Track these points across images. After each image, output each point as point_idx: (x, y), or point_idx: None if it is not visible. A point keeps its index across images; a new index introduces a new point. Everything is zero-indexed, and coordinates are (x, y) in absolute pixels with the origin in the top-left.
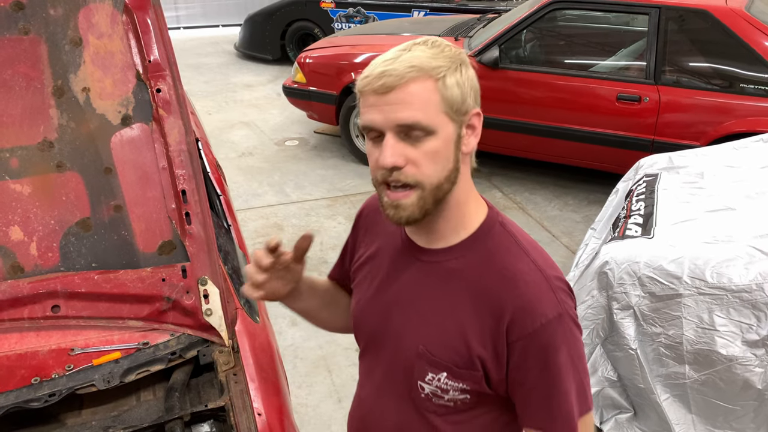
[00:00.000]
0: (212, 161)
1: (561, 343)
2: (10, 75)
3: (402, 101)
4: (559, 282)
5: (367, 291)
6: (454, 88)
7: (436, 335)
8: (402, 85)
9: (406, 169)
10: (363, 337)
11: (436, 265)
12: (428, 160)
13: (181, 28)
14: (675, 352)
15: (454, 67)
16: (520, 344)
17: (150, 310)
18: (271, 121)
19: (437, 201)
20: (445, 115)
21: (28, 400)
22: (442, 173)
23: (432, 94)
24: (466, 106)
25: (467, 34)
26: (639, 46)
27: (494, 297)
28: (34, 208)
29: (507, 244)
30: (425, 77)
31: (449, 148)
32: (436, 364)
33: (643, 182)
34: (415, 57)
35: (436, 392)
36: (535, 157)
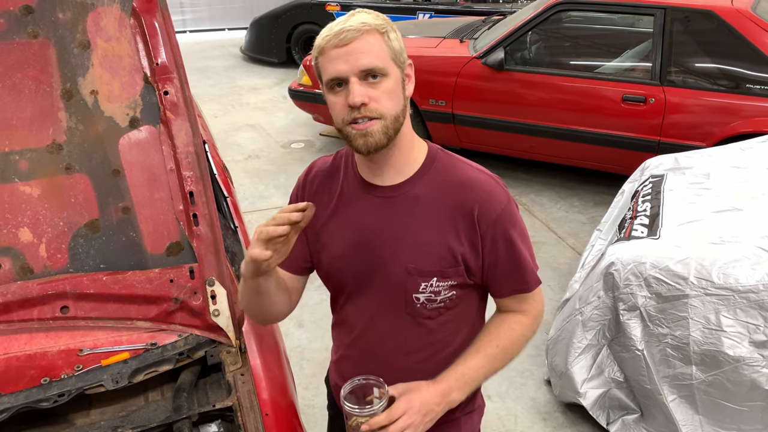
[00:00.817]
0: (219, 163)
1: (515, 220)
2: (20, 78)
3: (361, 50)
4: (499, 179)
5: (341, 242)
6: (396, 41)
7: (420, 251)
8: (359, 37)
9: (370, 105)
10: (349, 282)
11: (402, 197)
12: (386, 96)
13: (187, 31)
14: (682, 352)
15: (390, 27)
16: (490, 231)
17: (158, 310)
18: (277, 123)
19: (396, 130)
20: (392, 62)
21: (37, 400)
22: (397, 107)
23: (381, 44)
24: (403, 56)
25: (472, 36)
26: (644, 47)
27: (461, 202)
28: (43, 209)
29: (452, 161)
30: (375, 31)
31: (398, 88)
32: (426, 273)
33: (649, 183)
34: (362, 17)
35: (430, 297)
36: (541, 159)
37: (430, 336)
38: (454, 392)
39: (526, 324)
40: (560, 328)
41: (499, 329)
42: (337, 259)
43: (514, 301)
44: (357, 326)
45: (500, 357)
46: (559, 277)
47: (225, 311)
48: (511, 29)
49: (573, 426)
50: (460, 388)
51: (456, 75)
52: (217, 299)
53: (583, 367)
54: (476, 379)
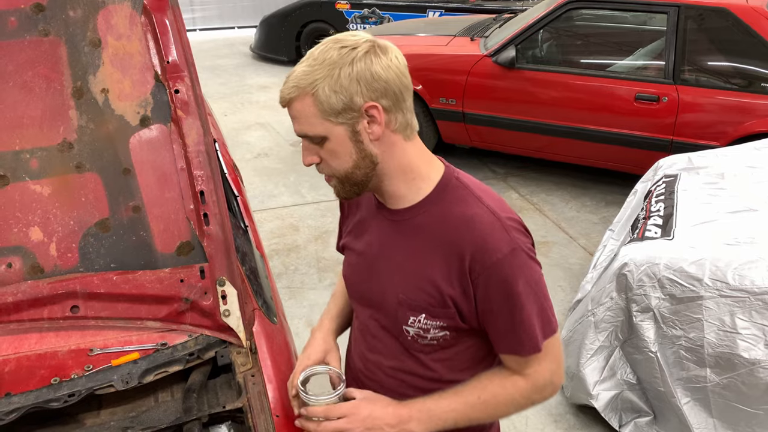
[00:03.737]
0: (229, 162)
1: (518, 274)
2: (31, 76)
3: (293, 117)
4: (511, 222)
5: (353, 257)
6: (331, 96)
7: (411, 283)
8: (288, 104)
9: (321, 165)
10: (355, 296)
11: (405, 223)
12: (330, 157)
13: (197, 29)
14: (696, 355)
15: (330, 75)
16: (482, 278)
17: (168, 310)
18: (286, 122)
19: (358, 183)
20: (327, 122)
21: (47, 400)
22: (347, 165)
23: (310, 108)
24: (354, 104)
25: (483, 34)
26: (657, 46)
27: (456, 241)
28: (53, 208)
29: (463, 194)
30: (303, 95)
31: (346, 145)
32: (415, 308)
33: (662, 183)
34: (296, 76)
35: (419, 333)
36: (552, 158)
37: (427, 370)
38: (413, 422)
39: (521, 388)
40: (572, 329)
41: (489, 381)
42: (347, 271)
43: (512, 361)
44: (362, 343)
45: (479, 409)
46: (570, 278)
47: (235, 311)
48: (523, 27)
49: (585, 428)
50: (422, 422)
51: (466, 73)
52: (228, 299)
53: (595, 369)
54: (443, 419)
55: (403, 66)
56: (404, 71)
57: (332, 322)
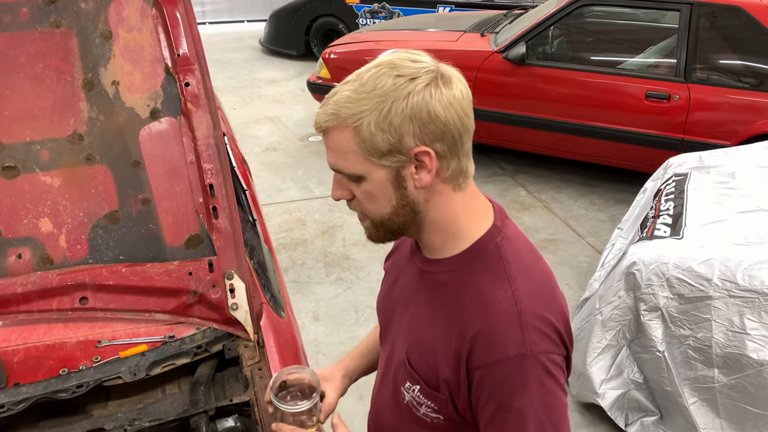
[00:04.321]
0: (238, 156)
1: (520, 387)
2: (42, 68)
3: (328, 146)
4: (536, 320)
5: (384, 286)
6: (376, 134)
7: (416, 347)
8: (325, 132)
9: (354, 203)
10: (381, 327)
11: (429, 275)
12: (365, 199)
13: (206, 23)
14: (704, 355)
15: (379, 109)
16: (478, 374)
17: (176, 303)
18: (295, 116)
19: (393, 231)
20: (368, 162)
21: (56, 391)
22: (384, 210)
23: (349, 142)
24: (402, 146)
25: (493, 30)
26: (669, 43)
27: (464, 321)
28: (63, 200)
29: (495, 266)
30: (342, 126)
31: (386, 189)
32: (412, 376)
33: (672, 182)
34: (339, 101)
35: (413, 402)
36: (561, 155)
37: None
38: None
39: None
40: (579, 327)
41: None
42: (378, 299)
43: None
44: (376, 384)
45: None
46: (577, 276)
47: (243, 305)
48: (534, 23)
49: (590, 426)
50: None
51: (476, 69)
52: (236, 293)
53: (601, 368)
54: None
55: (467, 102)
56: (467, 109)
57: (353, 360)
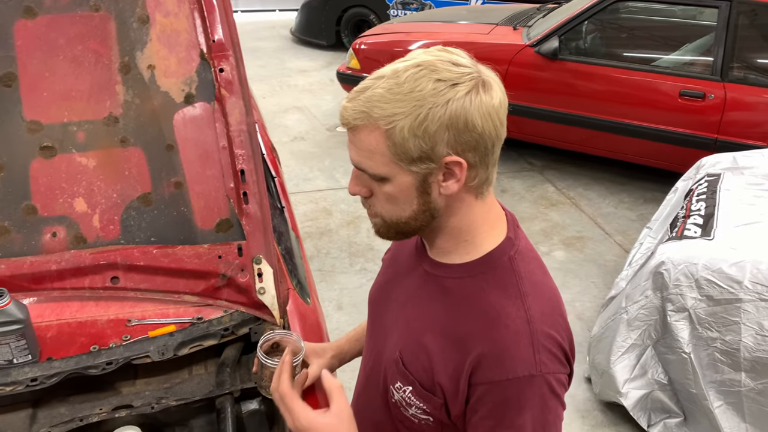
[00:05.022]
0: (267, 143)
1: (525, 406)
2: (81, 50)
3: (354, 143)
4: (547, 341)
5: (380, 278)
6: (410, 139)
7: (411, 348)
8: (354, 129)
9: (371, 200)
10: (368, 323)
11: (434, 278)
12: (384, 200)
13: (239, 11)
14: (731, 358)
15: (415, 114)
16: (481, 389)
17: (205, 286)
18: (323, 106)
19: (406, 233)
20: (395, 165)
21: (86, 367)
22: (402, 213)
23: (378, 144)
24: (435, 154)
25: (526, 23)
26: (706, 41)
27: (470, 333)
28: (98, 181)
29: (507, 281)
30: (372, 126)
31: (409, 193)
32: (405, 376)
33: (704, 182)
34: (371, 98)
35: (402, 403)
36: (591, 152)
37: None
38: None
39: None
40: (604, 326)
41: None
42: (372, 290)
43: None
44: (360, 378)
45: None
46: (604, 275)
47: (270, 289)
48: (567, 18)
49: (612, 426)
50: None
51: (508, 63)
52: (264, 277)
53: (625, 367)
54: None
55: (503, 111)
56: (503, 118)
57: (347, 342)
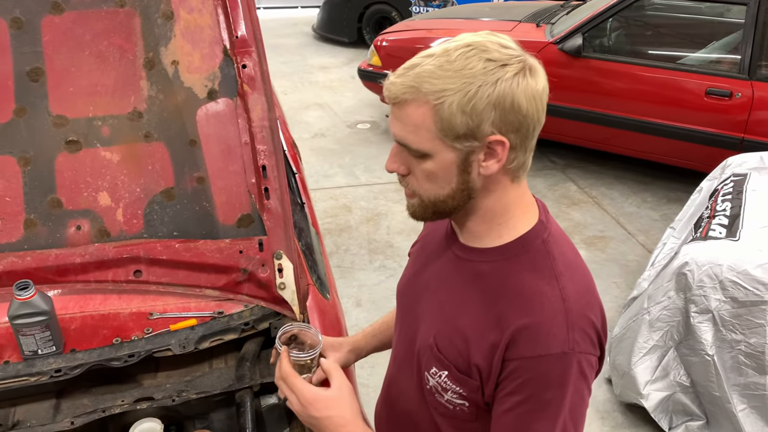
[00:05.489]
0: (289, 139)
1: (555, 384)
2: (106, 46)
3: (399, 118)
4: (581, 320)
5: (410, 269)
6: (457, 115)
7: (446, 332)
8: (401, 104)
9: (409, 179)
10: (398, 313)
11: (467, 263)
12: (423, 177)
13: (261, 8)
14: (756, 361)
15: (464, 90)
16: (512, 365)
17: (226, 280)
18: (344, 103)
19: (442, 212)
20: (440, 141)
21: (109, 359)
22: (440, 191)
23: (425, 119)
24: (480, 132)
25: (549, 20)
26: (733, 39)
27: (506, 313)
28: (121, 175)
29: (541, 263)
30: (421, 102)
31: (450, 171)
32: (440, 361)
33: (730, 182)
34: (421, 74)
35: (437, 388)
36: (614, 151)
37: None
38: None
39: None
40: (625, 326)
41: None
42: (401, 283)
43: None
44: (391, 368)
45: None
46: (626, 275)
47: (291, 285)
48: (591, 15)
49: (632, 427)
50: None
51: None
52: (284, 272)
53: (647, 368)
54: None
55: (545, 97)
56: (545, 104)
57: (364, 338)
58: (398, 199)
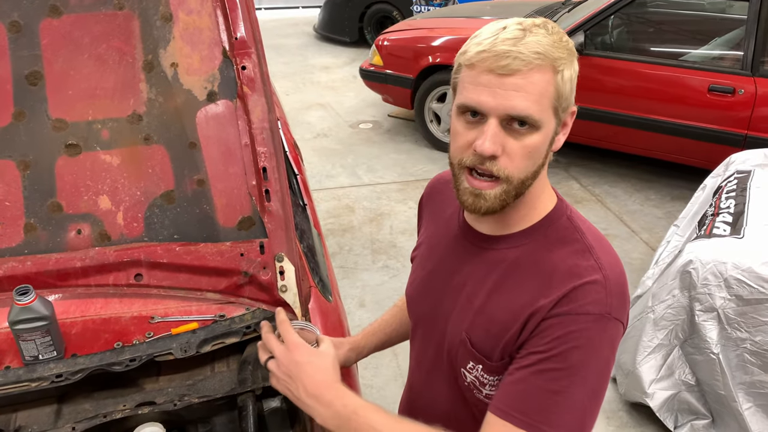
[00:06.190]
0: (290, 140)
1: (587, 344)
2: (105, 49)
3: (521, 88)
4: (617, 287)
5: (421, 272)
6: (568, 83)
7: (479, 324)
8: (526, 72)
9: (501, 161)
10: (414, 319)
11: (493, 253)
12: (524, 154)
13: (262, 8)
14: (761, 359)
15: (570, 60)
16: (547, 323)
17: (227, 283)
18: (346, 103)
19: (518, 195)
20: (552, 110)
21: (110, 363)
22: (531, 169)
23: (549, 86)
24: (569, 102)
25: (551, 18)
26: (736, 35)
27: (544, 287)
28: (121, 178)
29: (571, 237)
30: (548, 68)
31: (545, 144)
32: (474, 356)
33: (734, 179)
34: (539, 42)
35: (475, 383)
36: (617, 149)
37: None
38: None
39: None
40: (630, 325)
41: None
42: (413, 286)
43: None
44: (415, 374)
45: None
46: (630, 273)
47: (292, 287)
48: (593, 12)
49: (637, 427)
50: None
51: None
52: (285, 275)
53: (652, 367)
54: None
55: None
56: None
57: (364, 337)
58: (401, 199)
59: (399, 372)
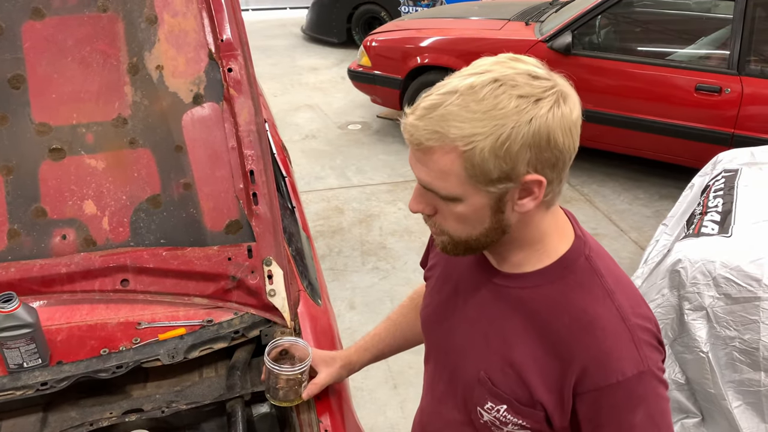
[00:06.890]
0: (278, 143)
1: (639, 402)
2: (89, 52)
3: (423, 163)
4: (644, 333)
5: (436, 297)
6: (489, 160)
7: (498, 365)
8: (425, 149)
9: (435, 218)
10: (428, 343)
11: (508, 290)
12: (453, 219)
13: (249, 9)
14: (750, 357)
15: (497, 134)
16: (590, 397)
17: (215, 288)
18: (335, 104)
19: (475, 248)
20: (470, 186)
21: (97, 371)
22: (473, 231)
23: (453, 166)
24: (514, 173)
25: (538, 18)
26: (722, 34)
27: (565, 341)
28: (107, 183)
29: (590, 282)
30: (448, 148)
31: (482, 212)
32: (497, 395)
33: (721, 178)
34: (446, 117)
35: (494, 422)
36: (606, 148)
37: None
38: None
39: None
40: None
41: None
42: (428, 311)
43: None
44: (426, 398)
45: None
46: None
47: (281, 291)
48: (580, 12)
49: None
50: None
51: None
52: (274, 279)
53: None
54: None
55: (580, 121)
56: (579, 130)
57: (356, 352)
58: (390, 200)
59: (390, 375)
